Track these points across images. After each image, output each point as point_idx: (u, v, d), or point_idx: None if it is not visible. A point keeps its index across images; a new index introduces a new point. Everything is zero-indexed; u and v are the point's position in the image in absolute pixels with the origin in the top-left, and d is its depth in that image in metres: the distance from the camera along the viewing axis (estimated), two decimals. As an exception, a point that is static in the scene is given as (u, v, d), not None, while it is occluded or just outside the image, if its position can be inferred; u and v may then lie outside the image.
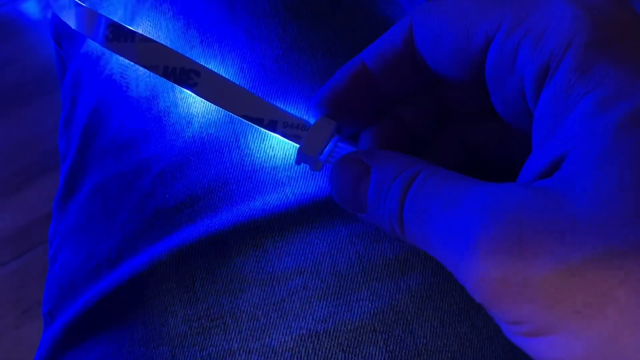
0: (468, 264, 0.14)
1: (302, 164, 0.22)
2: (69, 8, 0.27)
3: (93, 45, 0.31)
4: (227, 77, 0.24)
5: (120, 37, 0.24)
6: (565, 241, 0.12)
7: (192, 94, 0.23)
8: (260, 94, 0.25)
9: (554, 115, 0.14)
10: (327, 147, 0.22)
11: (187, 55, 0.24)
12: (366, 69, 0.20)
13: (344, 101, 0.21)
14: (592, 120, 0.13)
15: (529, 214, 0.13)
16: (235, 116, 0.25)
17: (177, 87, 0.26)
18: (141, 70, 0.28)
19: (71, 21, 0.27)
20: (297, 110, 0.25)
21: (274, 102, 0.23)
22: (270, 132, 0.23)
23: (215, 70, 0.24)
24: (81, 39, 0.32)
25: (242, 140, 0.25)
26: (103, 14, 0.27)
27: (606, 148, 0.12)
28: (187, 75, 0.23)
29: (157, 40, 0.25)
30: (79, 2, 0.27)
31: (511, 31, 0.15)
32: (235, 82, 0.24)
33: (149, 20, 0.28)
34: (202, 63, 0.26)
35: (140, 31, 0.28)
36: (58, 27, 0.35)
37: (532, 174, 0.14)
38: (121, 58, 0.28)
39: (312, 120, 0.23)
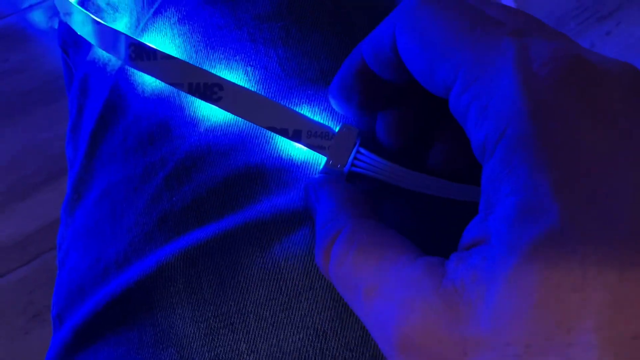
0: (389, 355, 0.15)
1: (327, 172, 0.24)
2: (87, 24, 0.28)
3: (99, 53, 0.31)
4: (232, 80, 0.24)
5: (143, 56, 0.25)
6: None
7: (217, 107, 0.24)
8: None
9: (488, 194, 0.14)
10: (350, 156, 0.23)
11: (193, 61, 0.25)
12: (366, 65, 0.20)
13: (353, 92, 0.22)
14: (509, 231, 0.13)
15: (437, 324, 0.14)
16: (241, 119, 0.25)
17: (182, 93, 0.27)
18: (146, 77, 0.28)
19: (90, 37, 0.28)
20: (302, 112, 0.25)
21: (281, 104, 0.24)
22: (295, 143, 0.24)
23: (220, 75, 0.24)
24: (87, 47, 0.33)
25: (248, 143, 0.25)
26: (109, 21, 0.28)
27: (511, 273, 0.13)
28: (212, 90, 0.24)
29: (161, 46, 0.25)
30: (97, 18, 0.27)
31: (464, 90, 0.15)
32: (240, 85, 0.24)
33: (154, 26, 0.29)
34: (207, 67, 0.26)
35: (146, 38, 0.28)
36: (65, 36, 0.35)
37: (466, 239, 0.15)
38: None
39: (334, 124, 0.24)
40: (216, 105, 0.24)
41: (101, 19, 0.29)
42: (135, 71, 0.28)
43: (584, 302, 0.12)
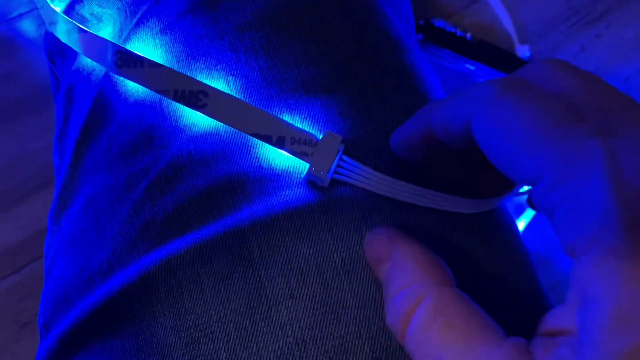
0: None
1: (310, 179, 0.24)
2: (72, 33, 0.28)
3: (84, 62, 0.32)
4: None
5: (129, 63, 0.25)
6: None
7: (202, 114, 0.24)
8: None
9: (578, 291, 0.14)
10: (333, 164, 0.23)
11: (175, 70, 0.25)
12: (434, 133, 0.21)
13: (417, 152, 0.23)
14: (603, 336, 0.13)
15: None
16: (221, 128, 0.26)
17: (165, 102, 0.27)
18: (130, 85, 0.28)
19: (76, 46, 0.28)
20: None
21: (265, 111, 0.24)
22: (279, 150, 0.24)
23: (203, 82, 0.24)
24: (73, 56, 0.33)
25: (229, 152, 0.25)
26: (92, 30, 0.28)
27: None
28: (196, 97, 0.24)
29: (146, 56, 0.25)
30: (82, 27, 0.28)
31: (551, 189, 0.15)
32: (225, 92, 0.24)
33: (137, 36, 0.29)
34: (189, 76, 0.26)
35: (128, 47, 0.29)
36: (51, 45, 0.35)
37: (550, 324, 0.15)
38: (111, 74, 0.29)
39: (316, 132, 0.24)
40: (201, 112, 0.24)
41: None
42: (120, 80, 0.29)
43: None
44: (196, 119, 0.26)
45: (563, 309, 0.15)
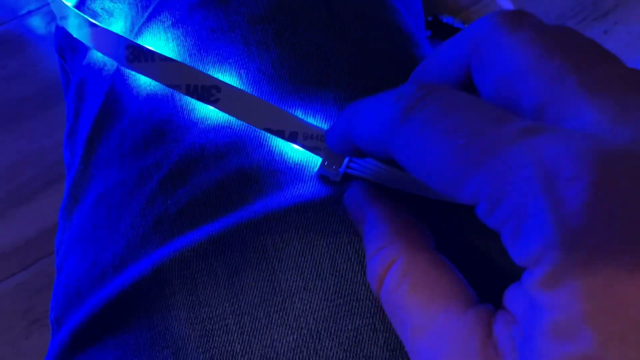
0: None
1: (322, 173, 0.24)
2: (83, 27, 0.28)
3: (95, 57, 0.32)
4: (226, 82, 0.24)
5: (140, 58, 0.25)
6: None
7: (214, 108, 0.24)
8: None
9: (524, 299, 0.14)
10: (345, 158, 0.23)
11: (188, 64, 0.25)
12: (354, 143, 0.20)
13: (353, 151, 0.21)
14: (542, 343, 0.13)
15: None
16: (234, 122, 0.26)
17: (177, 96, 0.27)
18: (141, 80, 0.28)
19: (87, 40, 0.28)
20: (296, 114, 0.25)
21: (278, 107, 0.24)
22: (291, 144, 0.24)
23: (215, 77, 0.24)
24: (84, 52, 0.33)
25: (241, 145, 0.25)
26: (103, 25, 0.28)
27: None
28: (209, 91, 0.24)
29: (157, 50, 0.26)
30: (93, 21, 0.28)
31: (490, 212, 0.14)
32: (238, 87, 0.24)
33: (148, 30, 0.29)
34: (201, 70, 0.26)
35: (140, 42, 0.29)
36: (61, 41, 0.35)
37: (508, 303, 0.15)
38: (123, 68, 0.29)
39: (329, 126, 0.24)
40: (214, 106, 0.24)
41: (96, 23, 0.29)
42: (131, 74, 0.29)
43: None
44: (209, 112, 0.26)
45: (517, 292, 0.15)
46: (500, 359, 0.14)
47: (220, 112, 0.25)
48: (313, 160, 0.25)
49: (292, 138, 0.24)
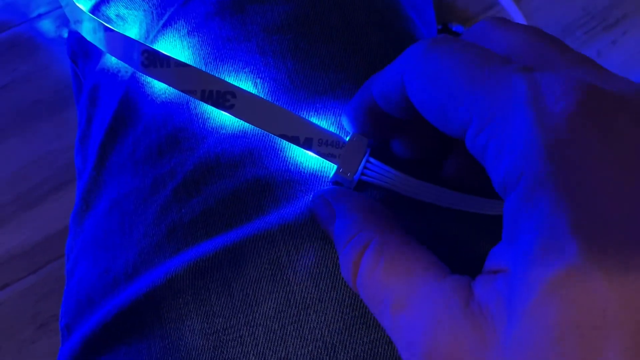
0: None
1: (337, 180, 0.24)
2: (98, 31, 0.28)
3: (110, 62, 0.32)
4: None
5: (156, 63, 0.25)
6: None
7: (230, 115, 0.24)
8: None
9: (510, 227, 0.15)
10: (360, 165, 0.23)
11: (203, 70, 0.25)
12: (376, 104, 0.21)
13: (366, 125, 0.23)
14: (529, 267, 0.13)
15: (463, 345, 0.14)
16: (249, 131, 0.26)
17: (192, 104, 0.27)
18: (157, 87, 0.28)
19: (102, 44, 0.28)
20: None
21: (293, 112, 0.24)
22: (306, 151, 0.24)
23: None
24: (97, 57, 0.33)
25: (256, 155, 0.25)
26: (118, 31, 0.28)
27: (530, 308, 0.13)
28: (224, 97, 0.24)
29: (173, 57, 0.26)
30: (108, 25, 0.28)
31: (480, 130, 0.15)
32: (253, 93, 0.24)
33: (164, 38, 0.29)
34: None
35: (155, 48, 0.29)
36: (74, 46, 0.36)
37: (491, 263, 0.16)
38: (138, 74, 0.29)
39: (343, 134, 0.24)
40: (229, 112, 0.24)
41: (111, 31, 0.29)
42: (146, 81, 0.29)
43: (604, 340, 0.12)
44: (224, 121, 0.26)
45: (500, 247, 0.15)
46: (485, 313, 0.14)
47: (236, 121, 0.25)
48: (328, 170, 0.25)
49: (307, 144, 0.24)
